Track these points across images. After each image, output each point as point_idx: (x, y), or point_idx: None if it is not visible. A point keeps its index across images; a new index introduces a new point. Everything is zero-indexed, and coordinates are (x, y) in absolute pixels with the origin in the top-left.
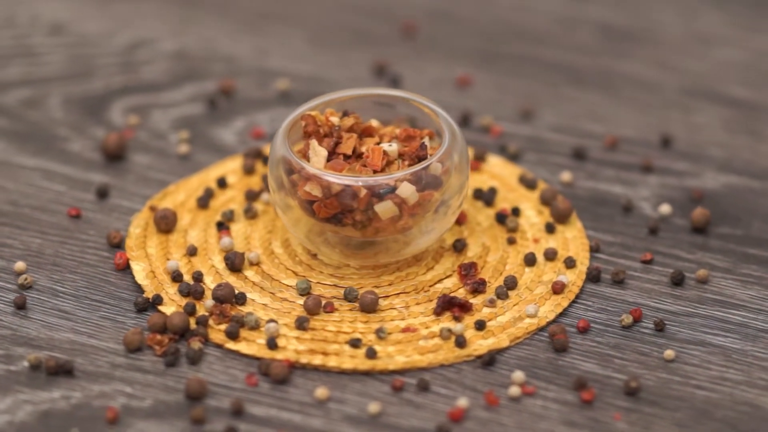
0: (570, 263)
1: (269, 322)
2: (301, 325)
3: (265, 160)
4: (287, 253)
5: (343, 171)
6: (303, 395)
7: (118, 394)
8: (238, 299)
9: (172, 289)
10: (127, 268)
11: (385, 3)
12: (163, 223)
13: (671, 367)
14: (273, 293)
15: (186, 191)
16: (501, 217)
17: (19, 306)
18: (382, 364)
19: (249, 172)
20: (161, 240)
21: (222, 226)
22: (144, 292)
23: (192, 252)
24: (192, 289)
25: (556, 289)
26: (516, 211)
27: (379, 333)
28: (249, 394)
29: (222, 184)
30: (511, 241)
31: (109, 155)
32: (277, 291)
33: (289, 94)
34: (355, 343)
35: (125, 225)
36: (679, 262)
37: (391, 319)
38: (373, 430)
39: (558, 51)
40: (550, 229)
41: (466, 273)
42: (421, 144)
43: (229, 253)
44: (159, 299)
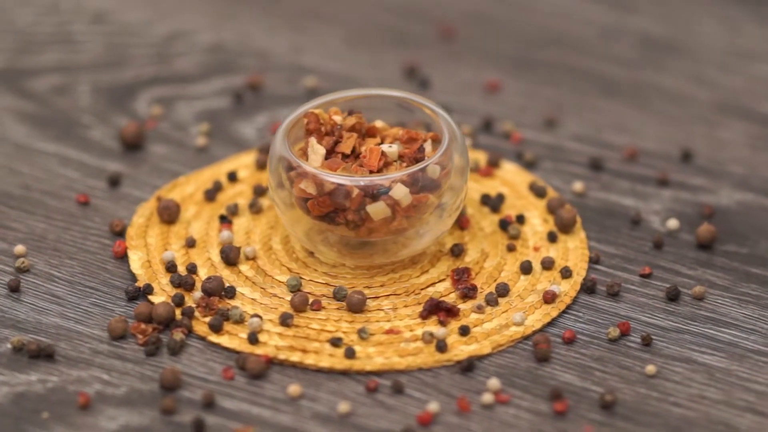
0: (566, 273)
1: (253, 316)
2: (284, 321)
3: None
4: (285, 249)
5: (338, 170)
6: (277, 391)
7: (95, 380)
8: (227, 293)
9: (165, 280)
10: (126, 256)
11: (426, 5)
12: (165, 213)
13: (651, 383)
14: (264, 288)
15: (196, 183)
16: (504, 224)
17: (12, 289)
18: (359, 364)
19: (262, 167)
20: (163, 230)
21: (224, 219)
22: (137, 281)
23: (191, 244)
24: (183, 281)
25: (547, 298)
26: (521, 219)
27: (361, 333)
28: (224, 387)
29: (232, 178)
30: (511, 248)
31: (127, 144)
32: (269, 287)
33: (316, 91)
34: (335, 342)
35: (131, 214)
36: (679, 278)
37: (377, 321)
38: (340, 429)
39: (593, 60)
40: (552, 238)
41: (458, 278)
42: (419, 147)
43: (224, 247)
44: (149, 289)
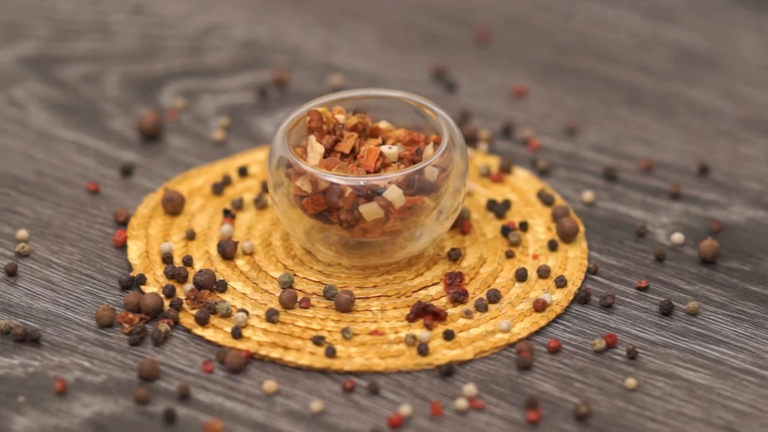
0: (560, 282)
1: (239, 311)
2: (270, 317)
3: None
4: (284, 246)
5: (333, 169)
6: (253, 387)
7: (76, 367)
8: (219, 286)
9: (160, 271)
10: (125, 246)
11: (465, 8)
12: (169, 205)
13: (630, 397)
14: (256, 284)
15: (207, 176)
16: (506, 230)
17: (9, 273)
18: (338, 363)
19: None
20: (166, 222)
21: (228, 213)
22: (133, 271)
23: (190, 236)
24: (176, 272)
25: (537, 307)
26: (524, 226)
27: (345, 333)
28: (202, 380)
29: (243, 172)
30: (510, 255)
31: (146, 135)
32: (261, 282)
33: (341, 90)
34: (317, 341)
35: (139, 204)
36: (676, 293)
37: (363, 321)
38: (310, 427)
39: (625, 70)
40: (553, 246)
41: (450, 282)
42: (417, 149)
43: (221, 241)
44: (142, 279)
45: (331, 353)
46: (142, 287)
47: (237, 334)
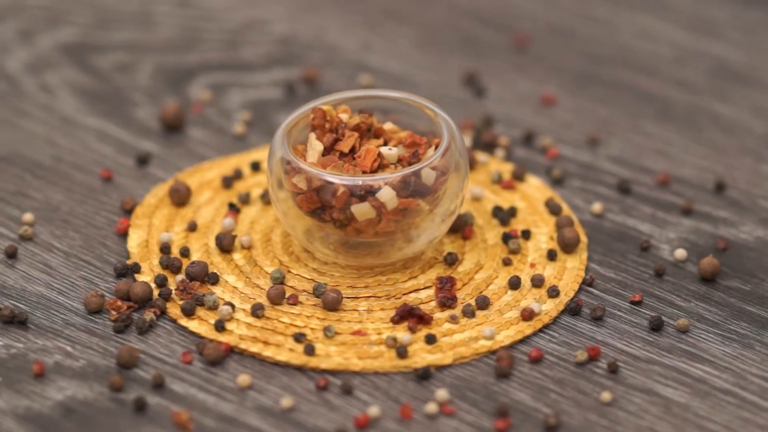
0: (552, 292)
1: (225, 304)
2: (255, 312)
3: None
4: (283, 242)
5: (327, 167)
6: (228, 380)
7: (58, 351)
8: (210, 279)
9: (157, 260)
10: (127, 234)
11: (509, 13)
12: (175, 196)
13: (604, 410)
14: (249, 278)
15: (219, 169)
16: (506, 237)
17: (9, 255)
18: (315, 361)
19: None
20: (171, 212)
21: (233, 207)
22: (130, 259)
23: (192, 228)
24: (170, 263)
25: (525, 315)
26: (526, 234)
27: (326, 332)
28: (179, 370)
29: (255, 167)
30: (507, 263)
31: (168, 126)
32: (254, 277)
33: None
34: (298, 338)
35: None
36: (670, 309)
37: (348, 321)
38: (277, 423)
39: (659, 83)
40: (552, 256)
41: (441, 286)
42: (414, 152)
43: (219, 234)
44: (137, 267)
45: (310, 351)
46: (136, 276)
47: (220, 326)
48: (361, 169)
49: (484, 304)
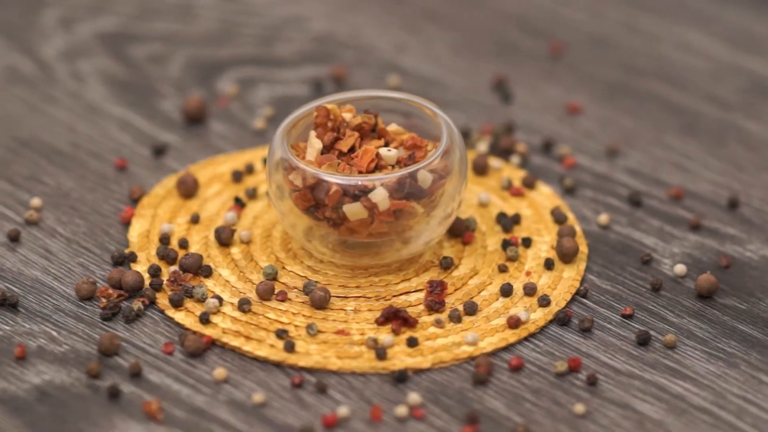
0: (543, 302)
1: (212, 297)
2: (241, 306)
3: None
4: (283, 238)
5: (323, 166)
6: (207, 372)
7: (43, 335)
8: (204, 271)
9: (155, 250)
10: (130, 223)
11: (550, 20)
12: (182, 187)
13: (576, 423)
14: (243, 272)
15: (232, 163)
16: (505, 244)
17: (11, 238)
18: (294, 358)
19: None
20: (177, 204)
21: (238, 201)
22: (129, 248)
23: (195, 220)
24: (165, 254)
25: (510, 323)
26: (527, 242)
27: (309, 329)
28: (159, 360)
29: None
30: (503, 270)
31: (190, 118)
32: (248, 272)
33: (397, 90)
34: (280, 334)
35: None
36: (661, 324)
37: (334, 320)
38: (246, 417)
39: (690, 97)
40: (549, 265)
41: (431, 290)
42: (410, 154)
43: (218, 227)
44: (133, 256)
45: (290, 348)
46: (132, 265)
47: (205, 319)
48: (358, 169)
49: (471, 309)
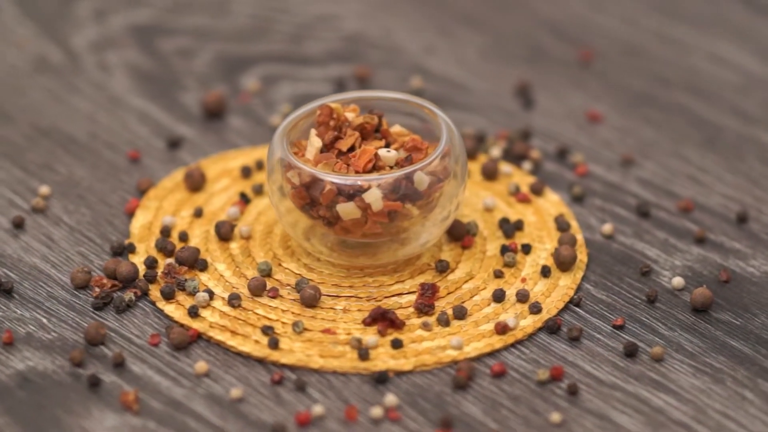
0: (534, 309)
1: (203, 291)
2: (230, 301)
3: None
4: (283, 235)
5: (319, 164)
6: (189, 365)
7: (33, 322)
8: (199, 265)
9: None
10: (134, 214)
11: (584, 29)
12: (188, 181)
13: (551, 431)
14: (239, 268)
15: (243, 159)
16: (504, 250)
17: (15, 225)
18: (277, 355)
19: None
20: (183, 197)
21: (243, 197)
22: (129, 238)
23: (198, 214)
24: (163, 246)
25: (498, 329)
26: (526, 248)
27: (295, 327)
28: (144, 351)
29: None
30: (498, 275)
31: (208, 112)
32: (244, 267)
33: (419, 92)
34: (266, 330)
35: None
36: (651, 336)
37: (322, 319)
38: (221, 412)
39: (715, 109)
40: (546, 272)
41: (423, 293)
42: (407, 156)
43: (218, 222)
44: (132, 247)
45: (274, 344)
46: (130, 256)
47: (193, 312)
48: (355, 168)
49: (460, 314)
